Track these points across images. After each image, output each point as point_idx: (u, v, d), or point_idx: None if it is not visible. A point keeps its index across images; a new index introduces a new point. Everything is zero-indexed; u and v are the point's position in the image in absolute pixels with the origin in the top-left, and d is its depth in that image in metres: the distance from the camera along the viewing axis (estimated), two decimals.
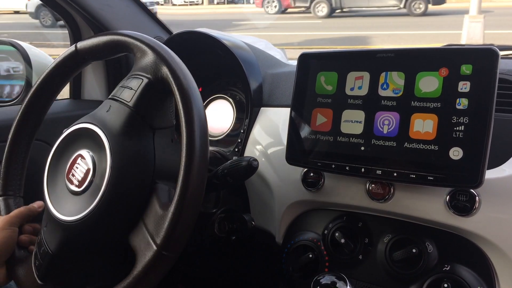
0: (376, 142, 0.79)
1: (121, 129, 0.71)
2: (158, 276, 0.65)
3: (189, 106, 0.66)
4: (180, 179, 0.63)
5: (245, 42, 1.12)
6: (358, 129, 0.81)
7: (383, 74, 0.80)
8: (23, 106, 0.86)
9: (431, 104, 0.75)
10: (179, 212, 0.62)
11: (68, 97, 1.43)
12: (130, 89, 0.72)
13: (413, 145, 0.75)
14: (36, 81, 0.86)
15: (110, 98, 0.75)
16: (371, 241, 0.87)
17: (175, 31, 1.27)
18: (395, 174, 0.76)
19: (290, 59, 1.27)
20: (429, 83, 0.75)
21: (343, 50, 0.87)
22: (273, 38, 8.25)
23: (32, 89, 0.86)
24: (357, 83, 0.82)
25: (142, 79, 0.71)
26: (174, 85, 0.67)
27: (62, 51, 0.84)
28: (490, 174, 0.75)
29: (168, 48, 0.71)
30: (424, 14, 12.54)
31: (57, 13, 1.29)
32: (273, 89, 1.06)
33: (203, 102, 0.92)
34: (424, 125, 0.75)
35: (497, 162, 0.77)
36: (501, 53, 0.71)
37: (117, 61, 1.37)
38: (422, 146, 0.74)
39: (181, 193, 0.62)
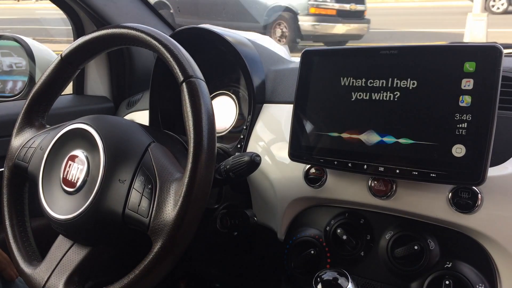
0: None
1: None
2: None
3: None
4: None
5: (248, 39, 1.12)
6: None
7: None
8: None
9: None
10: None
11: (71, 93, 1.43)
12: None
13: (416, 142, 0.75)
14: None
15: None
16: (373, 237, 0.87)
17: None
18: (397, 171, 0.77)
19: (293, 56, 1.27)
20: None
21: (346, 47, 0.87)
22: None
23: None
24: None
25: None
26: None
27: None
28: (493, 171, 0.75)
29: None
30: None
31: (60, 8, 1.30)
32: (276, 86, 1.06)
33: None
34: None
35: (499, 159, 0.77)
36: (504, 51, 0.70)
37: (120, 57, 1.37)
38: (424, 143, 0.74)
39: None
